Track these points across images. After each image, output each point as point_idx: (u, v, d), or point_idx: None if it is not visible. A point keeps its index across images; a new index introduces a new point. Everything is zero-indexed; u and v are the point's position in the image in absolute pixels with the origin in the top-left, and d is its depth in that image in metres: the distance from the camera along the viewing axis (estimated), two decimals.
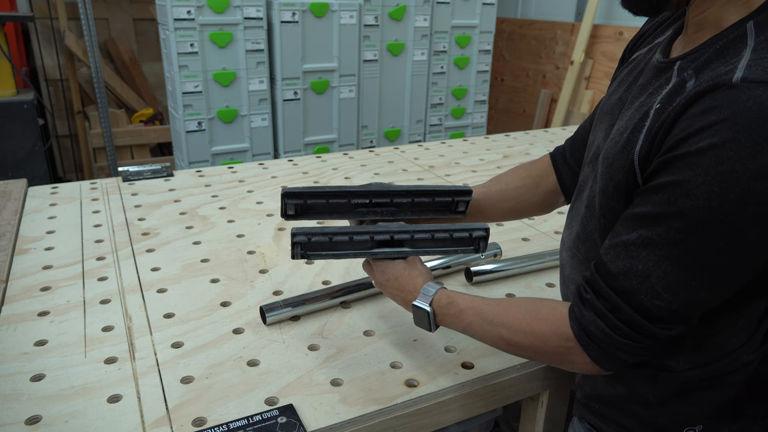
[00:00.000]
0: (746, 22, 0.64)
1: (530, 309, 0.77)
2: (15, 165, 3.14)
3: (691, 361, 0.75)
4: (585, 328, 0.70)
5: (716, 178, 0.58)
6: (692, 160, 0.59)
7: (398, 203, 0.97)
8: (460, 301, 0.83)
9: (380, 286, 0.93)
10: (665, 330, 0.67)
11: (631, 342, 0.68)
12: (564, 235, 0.92)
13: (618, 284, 0.67)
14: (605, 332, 0.68)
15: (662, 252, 0.63)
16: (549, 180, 1.05)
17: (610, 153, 0.73)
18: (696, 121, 0.60)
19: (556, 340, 0.73)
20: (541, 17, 4.25)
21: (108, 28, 4.00)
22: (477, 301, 0.83)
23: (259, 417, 0.80)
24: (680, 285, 0.64)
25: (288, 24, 2.70)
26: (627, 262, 0.66)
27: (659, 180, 0.63)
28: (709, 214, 0.59)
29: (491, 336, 0.80)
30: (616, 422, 0.83)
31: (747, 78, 0.58)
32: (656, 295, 0.65)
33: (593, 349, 0.70)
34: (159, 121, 3.88)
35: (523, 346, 0.77)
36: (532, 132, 2.42)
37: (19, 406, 0.83)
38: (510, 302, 0.81)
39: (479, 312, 0.81)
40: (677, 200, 0.61)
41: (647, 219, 0.65)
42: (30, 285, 1.14)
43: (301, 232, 0.88)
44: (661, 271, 0.64)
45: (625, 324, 0.67)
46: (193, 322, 1.04)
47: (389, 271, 0.91)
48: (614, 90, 0.84)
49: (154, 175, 1.76)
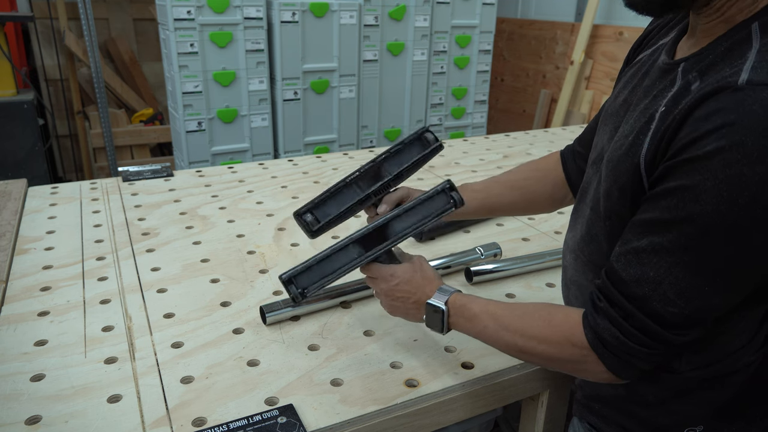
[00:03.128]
0: (751, 24, 0.64)
1: (544, 316, 0.77)
2: (15, 165, 3.14)
3: (692, 362, 0.75)
4: (599, 336, 0.70)
5: (725, 182, 0.57)
6: (700, 165, 0.59)
7: (382, 160, 1.00)
8: (474, 305, 0.83)
9: (388, 293, 0.91)
10: (680, 336, 0.66)
11: (646, 349, 0.67)
12: (567, 237, 0.91)
13: (630, 291, 0.67)
14: (620, 340, 0.68)
15: (673, 258, 0.63)
16: (557, 174, 1.05)
17: (615, 155, 0.73)
18: (702, 125, 0.59)
19: (570, 348, 0.73)
20: (541, 17, 4.25)
21: (108, 28, 3.99)
22: (491, 306, 0.82)
23: (259, 417, 0.80)
24: (693, 290, 0.63)
25: (288, 24, 2.70)
26: (638, 269, 0.66)
27: (667, 185, 0.63)
28: (718, 218, 0.59)
29: (504, 342, 0.79)
30: (615, 422, 0.82)
31: (752, 81, 0.58)
32: (669, 301, 0.64)
33: (608, 357, 0.70)
34: (159, 121, 3.88)
35: (537, 353, 0.76)
36: (532, 132, 2.42)
37: (19, 406, 0.83)
38: (524, 309, 0.80)
39: (494, 317, 0.80)
40: (686, 205, 0.61)
41: (656, 225, 0.64)
42: (30, 285, 1.14)
43: (286, 276, 0.90)
44: (673, 277, 0.63)
45: (639, 331, 0.67)
46: (193, 322, 1.04)
47: (399, 274, 0.89)
48: (619, 92, 0.84)
49: (154, 175, 1.76)
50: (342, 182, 0.99)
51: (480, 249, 1.26)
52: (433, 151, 1.00)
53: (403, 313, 0.91)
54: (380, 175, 1.00)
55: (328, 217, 0.98)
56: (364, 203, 0.99)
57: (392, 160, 1.01)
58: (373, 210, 1.01)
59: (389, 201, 1.00)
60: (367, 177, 1.00)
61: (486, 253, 1.25)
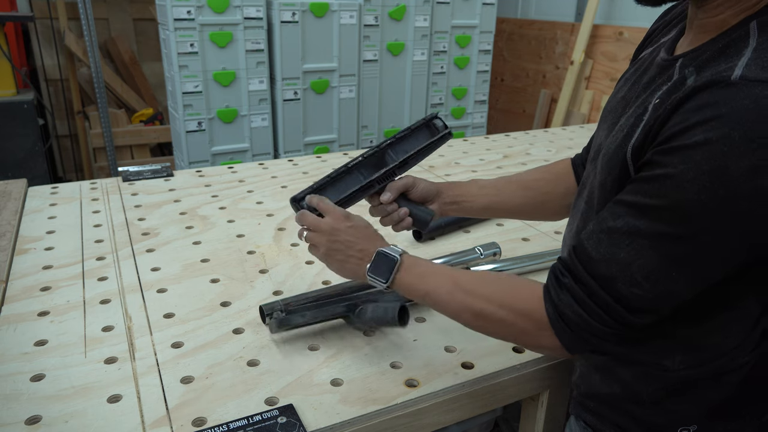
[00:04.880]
0: (749, 22, 0.64)
1: (509, 284, 0.78)
2: (15, 165, 3.14)
3: (686, 361, 0.75)
4: (560, 311, 0.71)
5: (708, 174, 0.58)
6: (686, 154, 0.60)
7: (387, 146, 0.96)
8: (429, 265, 0.82)
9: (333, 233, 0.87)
10: (638, 319, 0.68)
11: (605, 328, 0.69)
12: (565, 232, 0.92)
13: (598, 270, 0.68)
14: (582, 317, 0.69)
15: (647, 242, 0.64)
16: (569, 179, 1.05)
17: (610, 148, 0.74)
18: (692, 116, 0.60)
19: (528, 320, 0.74)
20: (541, 17, 4.25)
21: (108, 28, 3.99)
22: (448, 269, 0.82)
23: (259, 417, 0.80)
24: (661, 275, 0.64)
25: (288, 24, 2.70)
26: (609, 249, 0.67)
27: (652, 171, 0.64)
28: (698, 207, 0.60)
29: (458, 304, 0.79)
30: (611, 421, 0.83)
31: (746, 76, 0.59)
32: (635, 283, 0.65)
33: (565, 333, 0.71)
34: (159, 121, 3.88)
35: (495, 318, 0.76)
36: (532, 132, 2.42)
37: (19, 406, 0.83)
38: (485, 275, 0.81)
39: (452, 278, 0.80)
40: (668, 192, 0.61)
41: (635, 208, 0.65)
42: (30, 285, 1.14)
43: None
44: (643, 260, 0.64)
45: (601, 309, 0.68)
46: (193, 322, 1.04)
47: (354, 219, 0.88)
48: (619, 89, 0.85)
49: (154, 175, 1.76)
50: (344, 167, 0.95)
51: (479, 249, 1.26)
52: (442, 139, 0.96)
53: (340, 260, 0.88)
54: (384, 161, 0.96)
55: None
56: (366, 191, 0.95)
57: (398, 146, 0.97)
58: (377, 198, 0.98)
59: (393, 189, 0.97)
60: (371, 164, 0.96)
61: (485, 253, 1.25)
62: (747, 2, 0.65)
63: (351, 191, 0.94)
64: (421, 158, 0.97)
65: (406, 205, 0.98)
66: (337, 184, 0.95)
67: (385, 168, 0.94)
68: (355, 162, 0.95)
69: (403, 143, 0.96)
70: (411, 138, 0.97)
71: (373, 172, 0.95)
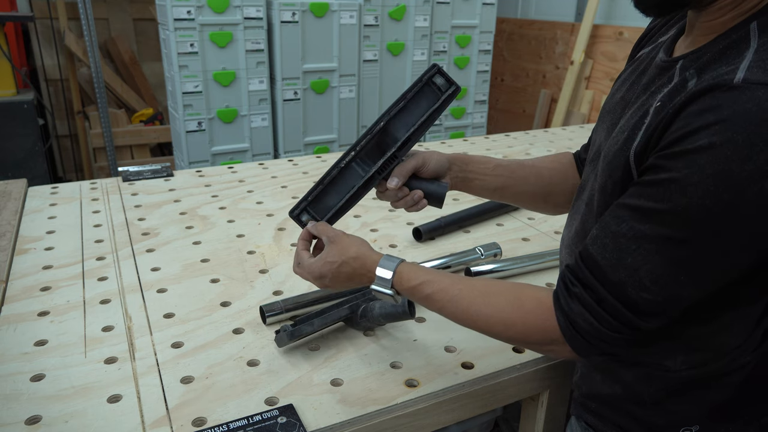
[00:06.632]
0: (750, 23, 0.64)
1: (511, 300, 0.76)
2: (15, 165, 3.14)
3: (687, 361, 0.75)
4: (572, 320, 0.71)
5: (712, 178, 0.58)
6: (690, 158, 0.60)
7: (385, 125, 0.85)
8: (426, 287, 0.79)
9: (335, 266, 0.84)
10: (647, 323, 0.68)
11: (615, 334, 0.69)
12: (564, 233, 0.92)
13: (606, 277, 0.68)
14: (593, 325, 0.69)
15: (653, 246, 0.64)
16: (574, 173, 1.04)
17: (611, 151, 0.73)
18: (695, 120, 0.60)
19: (540, 333, 0.74)
20: (541, 17, 4.25)
21: (108, 28, 3.99)
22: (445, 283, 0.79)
23: (259, 417, 0.80)
24: (669, 279, 0.64)
25: (288, 24, 2.70)
26: (616, 255, 0.67)
27: (656, 175, 0.64)
28: (702, 212, 0.60)
29: (465, 323, 0.79)
30: (612, 421, 0.83)
31: (748, 79, 0.58)
32: (644, 287, 0.65)
33: (577, 340, 0.71)
34: (159, 121, 3.88)
35: (503, 336, 0.77)
36: (532, 132, 2.42)
37: (19, 406, 0.83)
38: (487, 289, 0.78)
39: (452, 300, 0.78)
40: (672, 196, 0.61)
41: (639, 211, 0.65)
42: (30, 285, 1.14)
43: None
44: (651, 265, 0.64)
45: (611, 316, 0.68)
46: (193, 322, 1.04)
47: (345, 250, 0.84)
48: (617, 89, 0.84)
49: (154, 175, 1.76)
50: (335, 168, 0.86)
51: (480, 249, 1.26)
52: (448, 99, 0.83)
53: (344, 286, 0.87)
54: (386, 143, 0.86)
55: (330, 211, 0.90)
56: (369, 185, 0.87)
57: (397, 122, 0.85)
58: (384, 185, 0.90)
59: (401, 173, 0.89)
60: (369, 151, 0.87)
61: (486, 253, 1.25)
62: (748, 4, 0.65)
63: (352, 191, 0.89)
64: (427, 127, 0.86)
65: (418, 186, 0.90)
66: (336, 186, 0.90)
67: (384, 157, 0.85)
68: (349, 157, 0.86)
69: (404, 115, 0.85)
70: (411, 108, 0.85)
71: (373, 161, 0.86)
